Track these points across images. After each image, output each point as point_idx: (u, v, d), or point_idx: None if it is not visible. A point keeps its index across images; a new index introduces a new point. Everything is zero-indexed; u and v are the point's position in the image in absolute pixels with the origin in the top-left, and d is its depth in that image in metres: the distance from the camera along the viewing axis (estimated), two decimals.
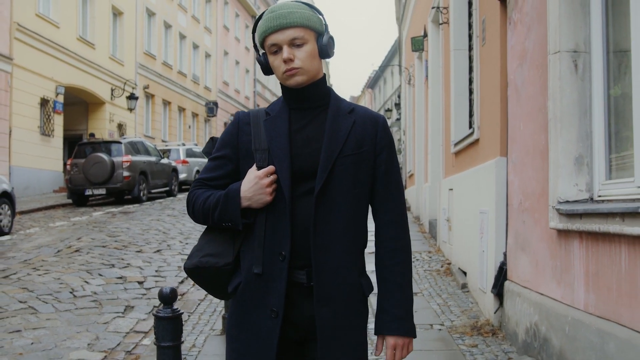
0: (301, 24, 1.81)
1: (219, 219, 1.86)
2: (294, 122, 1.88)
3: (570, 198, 3.61)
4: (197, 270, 1.87)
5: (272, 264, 1.80)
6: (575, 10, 3.69)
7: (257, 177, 1.81)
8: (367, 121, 1.90)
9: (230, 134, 1.93)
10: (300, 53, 1.82)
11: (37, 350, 4.70)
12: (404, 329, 1.87)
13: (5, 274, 7.16)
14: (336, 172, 1.82)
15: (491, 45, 5.35)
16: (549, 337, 3.82)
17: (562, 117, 3.67)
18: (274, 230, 1.82)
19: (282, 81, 1.86)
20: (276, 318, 1.80)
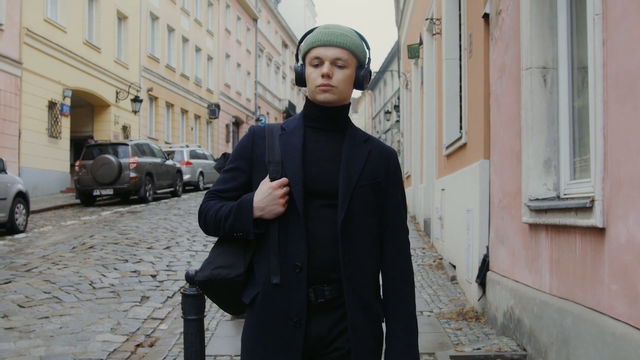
0: (348, 47, 1.87)
1: (231, 229, 1.88)
2: (308, 139, 1.93)
3: (540, 196, 4.14)
4: (208, 283, 1.90)
5: (289, 275, 1.83)
6: (544, 32, 4.22)
7: (271, 188, 1.84)
8: (381, 153, 1.96)
9: (245, 147, 1.97)
10: (339, 74, 1.87)
11: (66, 333, 5.21)
12: (415, 356, 1.93)
13: (27, 268, 7.68)
14: (355, 201, 1.87)
15: (476, 57, 5.88)
16: (521, 318, 4.35)
17: (533, 125, 4.19)
18: (287, 241, 1.84)
19: (312, 94, 1.91)
20: (299, 328, 1.83)
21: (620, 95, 2.91)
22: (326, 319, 1.85)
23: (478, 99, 5.79)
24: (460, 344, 4.66)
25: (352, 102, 52.72)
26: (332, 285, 1.84)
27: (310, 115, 1.95)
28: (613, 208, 2.96)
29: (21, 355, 4.66)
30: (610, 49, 3.01)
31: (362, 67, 1.93)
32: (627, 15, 2.84)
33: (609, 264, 3.00)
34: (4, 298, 6.24)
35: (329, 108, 1.92)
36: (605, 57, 3.05)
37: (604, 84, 3.06)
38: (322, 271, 1.83)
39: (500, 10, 5.02)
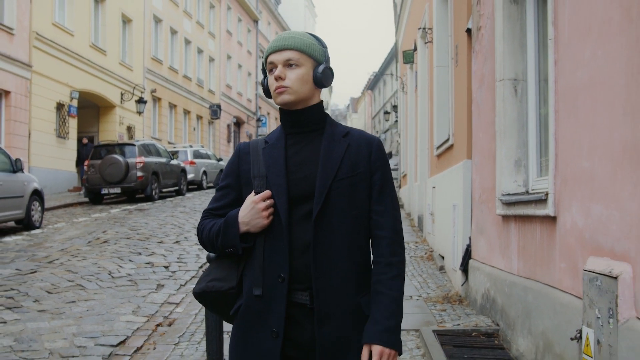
0: (298, 48, 1.91)
1: (222, 246, 1.95)
2: (289, 147, 1.97)
3: (511, 191, 4.76)
4: (203, 295, 1.98)
5: (272, 286, 1.87)
6: (515, 48, 4.84)
7: (253, 202, 1.90)
8: (361, 143, 1.97)
9: (232, 164, 2.04)
10: (292, 74, 1.90)
11: (93, 315, 5.83)
12: (392, 341, 1.87)
13: (49, 260, 8.30)
14: (332, 196, 1.88)
15: (461, 67, 6.50)
16: (495, 298, 4.97)
17: (505, 129, 4.82)
18: (272, 253, 1.89)
19: (274, 99, 1.96)
20: (277, 338, 1.86)
21: (567, 107, 3.53)
22: (311, 325, 1.87)
23: (462, 104, 6.41)
24: (443, 322, 5.28)
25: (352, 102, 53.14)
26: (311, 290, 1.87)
27: (285, 123, 2.00)
28: (562, 200, 3.59)
29: (56, 332, 5.28)
30: (560, 68, 3.64)
31: (320, 64, 1.95)
32: (572, 40, 3.46)
33: (559, 247, 3.62)
34: (32, 285, 6.86)
35: (298, 111, 1.96)
36: (557, 74, 3.68)
37: (556, 97, 3.69)
38: (303, 278, 1.86)
39: (480, 26, 5.65)
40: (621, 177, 2.84)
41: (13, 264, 8.06)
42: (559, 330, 3.52)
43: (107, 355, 4.78)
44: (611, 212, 2.94)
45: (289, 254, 1.85)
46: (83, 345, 4.97)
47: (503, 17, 4.88)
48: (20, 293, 6.53)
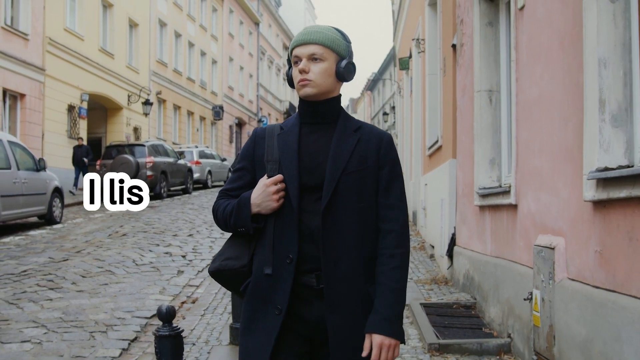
0: (323, 42, 1.97)
1: (234, 225, 2.03)
2: (304, 136, 2.04)
3: (487, 186, 5.61)
4: (218, 273, 2.07)
5: (281, 265, 1.95)
6: (490, 64, 5.70)
7: (264, 185, 1.97)
8: (372, 138, 2.03)
9: (248, 148, 2.11)
10: (316, 68, 1.97)
11: (125, 294, 6.68)
12: (393, 330, 1.92)
13: (77, 250, 9.15)
14: (341, 188, 1.95)
15: (448, 77, 7.35)
16: (473, 276, 5.83)
17: (481, 133, 5.67)
18: (282, 235, 1.96)
19: (297, 91, 2.03)
20: (279, 315, 1.94)
21: (524, 116, 4.39)
22: (319, 304, 1.95)
23: (449, 110, 7.26)
24: (430, 298, 6.14)
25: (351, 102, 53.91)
26: (318, 272, 1.95)
27: (302, 112, 2.07)
28: (520, 191, 4.45)
29: (96, 307, 6.13)
30: (519, 84, 4.50)
31: (343, 59, 2.02)
32: (528, 62, 4.32)
33: (519, 229, 4.48)
34: (67, 271, 7.70)
35: (317, 102, 2.02)
36: (517, 89, 4.54)
37: (517, 107, 4.55)
38: (310, 261, 1.94)
39: (463, 43, 6.50)
40: (558, 172, 3.70)
41: (45, 253, 8.92)
42: (518, 296, 4.38)
43: (144, 325, 5.63)
44: (552, 199, 3.80)
45: (298, 237, 1.94)
46: (122, 317, 5.82)
47: (480, 37, 5.73)
48: (58, 277, 7.37)
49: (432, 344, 4.57)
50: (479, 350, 4.53)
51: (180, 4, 31.14)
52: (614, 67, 3.09)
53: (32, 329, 5.37)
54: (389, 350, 1.91)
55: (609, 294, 2.98)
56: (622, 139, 3.07)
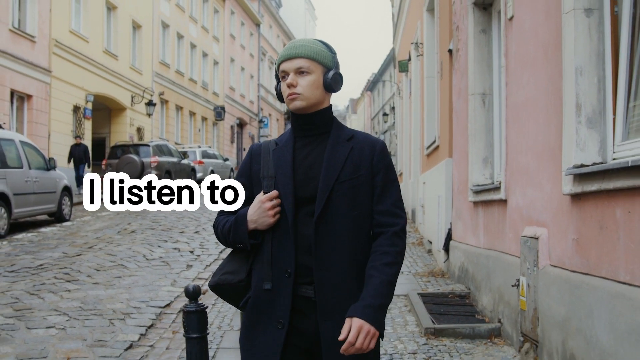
0: (308, 56, 2.01)
1: (233, 241, 2.07)
2: (298, 150, 2.07)
3: (480, 183, 5.99)
4: (217, 287, 2.11)
5: (280, 280, 1.98)
6: (483, 69, 6.07)
7: (260, 202, 2.00)
8: (365, 146, 2.05)
9: (245, 165, 2.16)
10: (303, 81, 2.00)
11: (139, 286, 7.05)
12: (375, 318, 1.91)
13: (89, 246, 9.53)
14: (334, 198, 1.97)
15: (445, 81, 7.73)
16: (468, 268, 6.21)
17: (475, 133, 6.05)
18: (279, 249, 1.99)
19: (287, 105, 2.05)
20: (282, 329, 1.97)
21: (513, 118, 4.77)
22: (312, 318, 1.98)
23: (445, 112, 7.64)
24: (427, 289, 6.51)
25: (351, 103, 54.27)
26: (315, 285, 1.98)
27: (295, 125, 2.11)
28: (510, 187, 4.82)
29: (113, 298, 6.50)
30: (509, 89, 4.88)
31: (330, 70, 2.05)
32: (516, 69, 4.69)
33: (508, 222, 4.85)
34: (81, 265, 8.07)
35: (308, 115, 2.06)
36: (507, 93, 4.92)
37: (506, 110, 4.92)
38: (307, 273, 1.97)
39: (458, 49, 6.88)
40: (542, 169, 4.07)
41: (58, 249, 9.29)
42: (507, 284, 4.75)
43: (159, 313, 6.00)
44: (537, 194, 4.18)
45: (295, 251, 1.96)
46: (137, 306, 6.19)
47: (474, 43, 6.11)
48: (74, 270, 7.75)
49: (428, 329, 4.94)
50: (472, 334, 4.90)
51: (182, 5, 31.52)
52: (589, 75, 3.47)
53: (55, 316, 5.74)
54: (367, 337, 1.88)
55: (584, 277, 3.36)
56: (596, 139, 3.44)
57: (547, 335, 3.86)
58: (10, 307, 6.02)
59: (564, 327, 3.56)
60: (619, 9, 3.40)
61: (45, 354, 4.70)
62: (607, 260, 3.09)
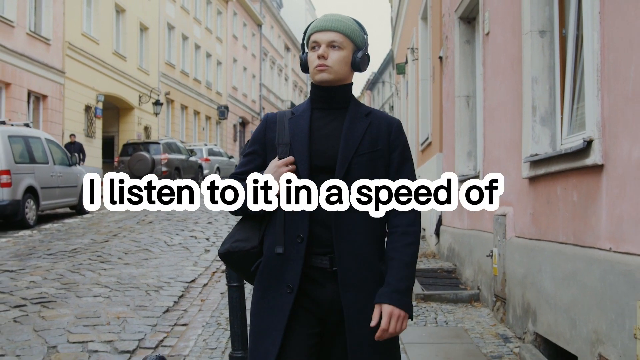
0: (342, 31, 2.02)
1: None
2: (315, 120, 2.08)
3: (465, 173, 6.91)
4: (228, 255, 2.11)
5: (292, 245, 2.00)
6: (468, 75, 6.99)
7: (276, 166, 2.03)
8: (382, 123, 2.09)
9: (259, 132, 2.16)
10: (334, 55, 2.02)
11: (165, 266, 7.97)
12: (403, 302, 1.96)
13: (113, 234, 10.45)
14: (353, 169, 1.99)
15: (436, 84, 8.65)
16: (454, 247, 7.14)
17: (461, 130, 6.97)
18: (293, 214, 2.01)
19: (312, 76, 2.06)
20: (291, 293, 1.98)
21: (489, 118, 5.69)
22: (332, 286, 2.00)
23: (437, 112, 8.56)
24: (419, 267, 7.44)
25: None
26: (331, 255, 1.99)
27: (315, 97, 2.12)
28: (486, 174, 5.74)
29: (144, 275, 7.42)
30: (486, 93, 5.80)
31: (360, 49, 2.07)
32: (492, 76, 5.62)
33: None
34: (110, 249, 9.00)
35: (330, 88, 2.07)
36: (484, 96, 5.84)
37: (484, 111, 5.85)
38: (321, 241, 2.00)
39: (447, 56, 7.80)
40: (509, 159, 5.00)
41: (86, 236, 10.22)
42: (484, 256, 5.68)
43: (186, 287, 6.92)
44: (506, 179, 5.10)
45: (309, 217, 1.99)
46: (167, 281, 7.11)
47: (459, 52, 7.03)
48: (105, 254, 8.67)
49: (418, 294, 5.87)
50: (455, 299, 5.83)
51: (187, 7, 32.43)
52: (542, 84, 4.40)
53: (98, 288, 6.66)
54: (398, 321, 1.95)
55: (536, 242, 4.29)
56: (547, 134, 4.37)
57: (511, 293, 4.79)
58: (58, 281, 6.94)
59: (523, 284, 4.49)
60: (566, 31, 4.32)
61: (98, 315, 5.62)
62: (551, 227, 4.02)
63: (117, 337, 5.02)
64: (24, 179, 11.32)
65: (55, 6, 19.98)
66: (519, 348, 4.35)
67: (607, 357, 3.09)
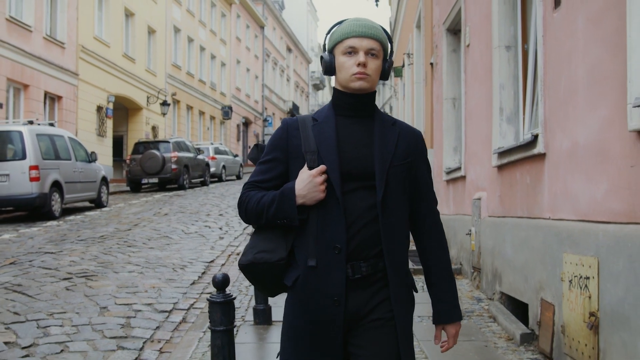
0: (379, 39, 2.02)
1: (274, 217, 2.01)
2: (340, 127, 2.05)
3: (450, 166, 7.88)
4: (251, 266, 2.04)
5: (328, 256, 1.95)
6: (454, 80, 7.96)
7: (311, 176, 1.97)
8: (409, 134, 2.11)
9: (280, 139, 2.09)
10: (372, 63, 2.01)
11: (186, 250, 8.94)
12: (459, 314, 2.11)
13: (134, 224, 11.43)
14: (390, 179, 2.00)
15: (428, 87, 9.63)
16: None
17: (448, 129, 7.94)
18: (326, 225, 1.97)
19: (346, 82, 2.02)
20: (339, 306, 1.95)
21: (469, 117, 6.66)
22: (363, 293, 1.98)
23: (428, 112, 9.53)
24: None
25: None
26: (368, 261, 1.97)
27: (340, 104, 2.08)
28: (467, 167, 6.72)
29: (169, 257, 8.39)
30: (467, 96, 6.77)
31: (386, 59, 2.08)
32: (471, 82, 6.59)
33: (466, 192, 6.75)
34: (134, 237, 9.97)
35: (360, 95, 2.05)
36: (466, 99, 6.81)
37: (465, 111, 6.82)
38: (360, 249, 1.96)
39: (437, 62, 8.78)
40: (484, 152, 5.97)
41: (109, 226, 11.20)
42: (465, 235, 6.64)
43: (207, 266, 7.89)
44: (481, 169, 6.07)
45: (345, 226, 1.95)
46: (189, 261, 8.08)
47: (446, 59, 8.00)
48: (130, 240, 9.65)
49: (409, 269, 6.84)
50: None
51: (192, 10, 33.41)
52: (508, 89, 5.37)
53: (131, 266, 7.63)
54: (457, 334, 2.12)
55: (502, 219, 5.26)
56: (512, 130, 5.34)
57: (484, 263, 5.76)
58: (94, 261, 7.91)
59: (492, 254, 5.47)
60: (527, 47, 5.29)
61: (135, 285, 6.59)
62: (512, 205, 4.99)
63: (155, 301, 6.00)
64: (50, 174, 12.30)
65: (70, 11, 20.96)
66: (488, 305, 5.32)
67: (546, 299, 4.07)
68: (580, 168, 3.58)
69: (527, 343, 4.36)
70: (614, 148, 3.14)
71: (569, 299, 3.62)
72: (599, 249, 3.25)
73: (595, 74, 3.38)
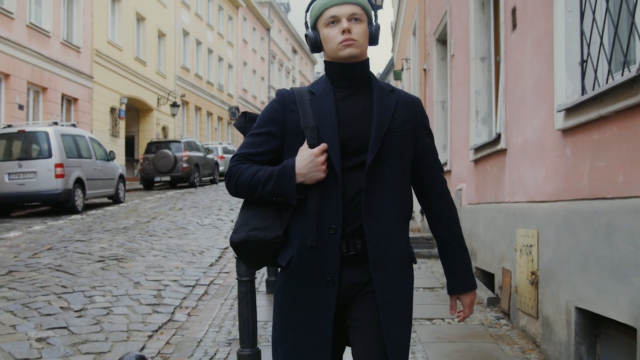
0: (360, 4, 1.97)
1: (270, 194, 1.94)
2: (338, 100, 1.98)
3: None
4: (244, 244, 1.96)
5: (325, 237, 1.92)
6: (443, 85, 8.87)
7: (312, 155, 1.90)
8: (407, 102, 2.05)
9: (276, 112, 2.00)
10: (357, 28, 1.94)
11: (202, 238, 9.88)
12: (474, 285, 2.11)
13: (152, 217, 12.38)
14: (385, 147, 1.93)
15: (422, 91, 10.53)
16: None
17: (437, 129, 8.86)
18: (324, 204, 1.92)
19: (335, 52, 1.96)
20: (333, 287, 1.92)
21: (454, 118, 7.58)
22: (357, 269, 1.95)
23: None
24: None
25: None
26: (363, 238, 1.93)
27: (334, 75, 2.02)
28: (452, 162, 7.64)
29: (187, 244, 9.32)
30: (452, 100, 7.69)
31: (371, 22, 2.02)
32: (456, 87, 7.51)
33: (452, 183, 7.66)
34: (154, 228, 10.92)
35: (352, 64, 1.99)
36: (452, 101, 7.73)
37: (451, 113, 7.74)
38: (355, 228, 1.93)
39: (429, 69, 9.69)
40: (463, 149, 6.89)
41: (130, 219, 12.15)
42: None
43: (222, 252, 8.82)
44: (462, 163, 6.99)
45: (343, 206, 1.91)
46: (207, 248, 9.02)
47: (436, 67, 8.92)
48: (150, 230, 10.59)
49: None
50: (429, 255, 7.71)
51: (200, 14, 34.39)
52: (482, 95, 6.28)
53: (154, 252, 8.57)
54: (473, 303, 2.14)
55: (477, 205, 6.17)
56: (486, 130, 6.25)
57: None
58: (122, 247, 8.86)
59: (469, 235, 6.38)
60: (499, 58, 6.20)
61: (161, 266, 7.53)
62: (485, 193, 5.91)
63: (180, 278, 6.94)
64: (73, 171, 13.27)
65: (85, 17, 21.94)
66: None
67: (505, 268, 4.99)
68: (529, 160, 4.50)
69: (493, 305, 5.28)
70: (548, 143, 4.05)
71: (519, 265, 4.53)
72: (539, 222, 4.16)
73: (538, 85, 4.30)
